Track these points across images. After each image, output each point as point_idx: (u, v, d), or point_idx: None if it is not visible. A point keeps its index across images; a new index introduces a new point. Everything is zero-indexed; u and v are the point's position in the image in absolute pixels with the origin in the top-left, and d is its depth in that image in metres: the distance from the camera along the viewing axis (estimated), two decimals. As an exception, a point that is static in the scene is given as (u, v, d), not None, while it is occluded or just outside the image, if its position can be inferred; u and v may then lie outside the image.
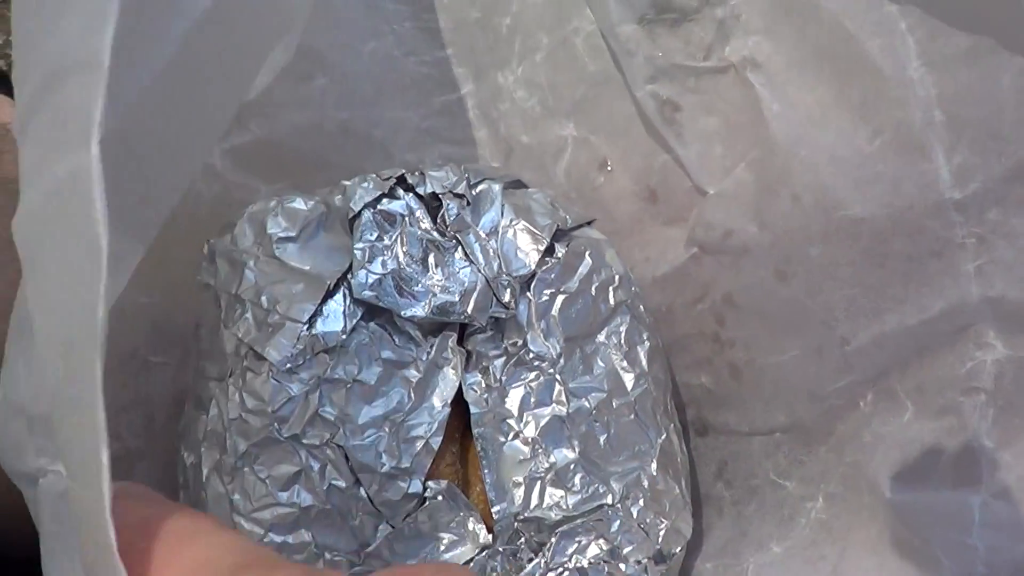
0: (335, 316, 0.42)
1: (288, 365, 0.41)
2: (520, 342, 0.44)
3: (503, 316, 0.44)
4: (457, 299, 0.43)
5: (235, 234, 0.44)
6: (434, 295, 0.43)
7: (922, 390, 0.45)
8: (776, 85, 0.47)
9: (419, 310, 0.42)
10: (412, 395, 0.42)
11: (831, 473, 0.47)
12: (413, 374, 0.42)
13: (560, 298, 0.45)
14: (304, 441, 0.41)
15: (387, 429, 0.41)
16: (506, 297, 0.43)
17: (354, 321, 0.42)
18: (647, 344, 0.47)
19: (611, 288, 0.47)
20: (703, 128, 0.51)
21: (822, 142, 0.46)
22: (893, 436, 0.45)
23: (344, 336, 0.42)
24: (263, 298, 0.42)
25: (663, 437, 0.47)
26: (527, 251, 0.45)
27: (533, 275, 0.45)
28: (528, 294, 0.45)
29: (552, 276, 0.45)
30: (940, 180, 0.44)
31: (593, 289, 0.46)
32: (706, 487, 0.53)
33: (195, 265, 0.45)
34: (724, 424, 0.52)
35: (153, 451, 0.51)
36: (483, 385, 0.44)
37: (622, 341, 0.46)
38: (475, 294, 0.43)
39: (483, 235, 0.45)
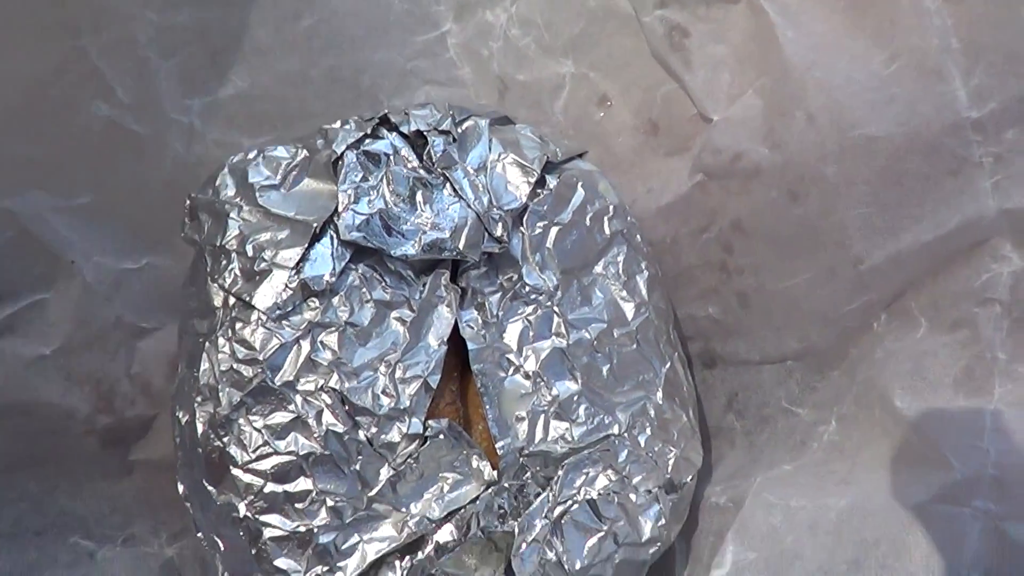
0: (323, 259, 0.41)
1: (278, 312, 0.40)
2: (515, 276, 0.43)
3: (496, 251, 0.43)
4: (448, 235, 0.42)
5: (217, 186, 0.43)
6: (424, 232, 0.42)
7: (936, 306, 0.44)
8: (790, 14, 0.46)
9: (409, 248, 0.41)
10: (407, 335, 0.41)
11: (844, 396, 0.47)
12: (407, 314, 0.41)
13: (554, 230, 0.44)
14: (298, 388, 0.40)
15: (383, 370, 0.40)
16: (498, 231, 0.43)
17: (343, 263, 0.41)
18: (646, 273, 0.46)
19: (606, 218, 0.46)
20: (712, 55, 0.50)
21: (837, 66, 0.45)
22: (905, 351, 0.44)
23: (333, 279, 0.41)
24: (248, 247, 0.41)
25: (667, 366, 0.46)
26: (517, 184, 0.44)
27: (525, 208, 0.44)
28: (521, 228, 0.44)
29: (544, 208, 0.44)
30: (957, 101, 0.43)
31: (587, 220, 0.45)
32: (716, 419, 0.53)
33: (180, 227, 0.45)
34: (733, 354, 0.52)
35: (156, 416, 0.51)
36: (480, 321, 0.43)
37: (620, 271, 0.46)
38: (466, 229, 0.42)
39: (471, 170, 0.44)
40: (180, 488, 0.44)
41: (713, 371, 0.53)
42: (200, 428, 0.41)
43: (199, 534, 0.43)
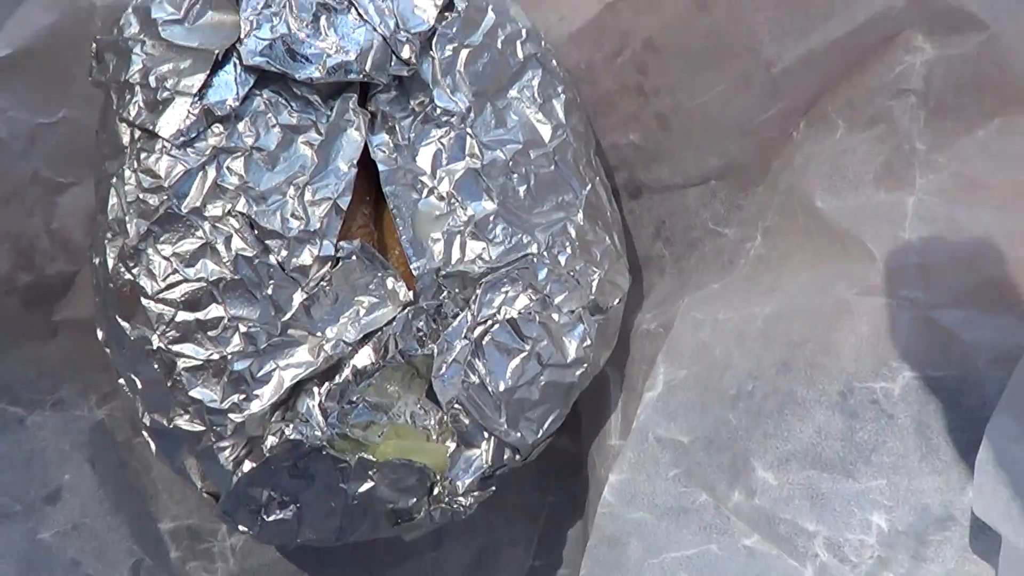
0: (226, 85, 0.40)
1: (181, 139, 0.40)
2: (426, 100, 0.43)
3: (405, 74, 0.42)
4: (353, 58, 0.41)
5: (120, 26, 0.43)
6: (328, 56, 0.41)
7: (852, 105, 0.43)
8: None
9: (314, 71, 0.41)
10: (315, 158, 0.40)
11: (768, 209, 0.46)
12: (314, 137, 0.41)
13: (464, 52, 0.43)
14: (206, 214, 0.39)
15: (291, 193, 0.40)
16: (405, 53, 0.42)
17: (246, 89, 0.40)
18: (563, 97, 0.46)
19: (519, 42, 0.45)
20: None
21: None
22: (824, 153, 0.43)
23: (237, 104, 0.40)
24: (151, 78, 0.41)
25: (588, 188, 0.45)
26: (424, 7, 0.43)
27: (433, 32, 0.43)
28: (431, 52, 0.43)
29: (454, 31, 0.43)
30: None
31: (499, 43, 0.45)
32: (645, 249, 0.52)
33: (88, 72, 0.44)
34: (657, 181, 0.51)
35: (76, 272, 0.50)
36: (391, 144, 0.42)
37: (535, 95, 0.45)
38: (372, 52, 0.41)
39: None
40: (99, 334, 0.44)
41: (639, 200, 0.52)
42: (111, 263, 0.41)
43: (120, 380, 0.43)
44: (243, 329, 0.39)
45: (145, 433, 0.43)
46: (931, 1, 0.41)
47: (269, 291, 0.40)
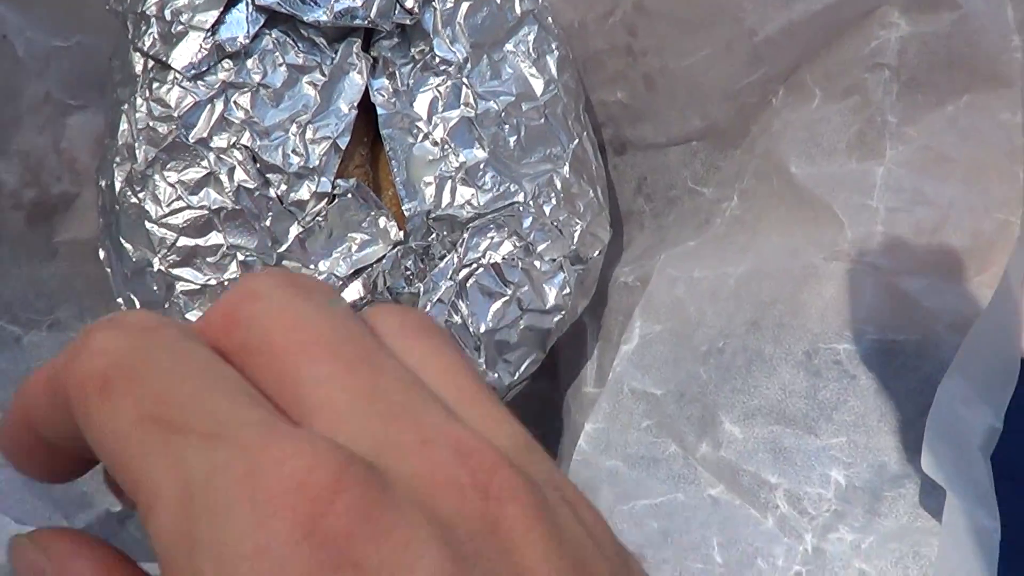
0: (238, 23, 0.42)
1: (193, 71, 0.41)
2: (426, 48, 0.44)
3: (408, 22, 0.43)
4: (360, 4, 0.43)
5: None
6: (336, 0, 0.42)
7: (829, 75, 0.45)
8: None
9: (321, 15, 0.42)
10: (318, 98, 0.42)
11: (745, 171, 0.48)
12: (318, 78, 0.42)
13: (465, 5, 0.45)
14: (212, 145, 0.41)
15: (294, 131, 0.42)
16: (409, 3, 0.43)
17: (256, 27, 0.42)
18: (556, 53, 0.47)
19: None
20: None
21: None
22: (801, 120, 0.45)
23: (247, 42, 0.42)
24: (167, 11, 0.42)
25: (575, 143, 0.47)
26: None
27: None
28: (433, 2, 0.45)
29: None
30: None
31: None
32: (627, 204, 0.54)
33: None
34: (641, 138, 0.52)
35: (79, 194, 0.52)
36: (390, 89, 0.44)
37: (530, 49, 0.46)
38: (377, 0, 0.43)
39: None
40: (101, 253, 0.45)
41: (623, 157, 0.54)
42: (118, 186, 0.43)
43: (118, 299, 0.44)
44: (240, 257, 0.41)
45: None
46: (908, -20, 0.43)
47: (267, 223, 0.41)
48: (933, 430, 0.36)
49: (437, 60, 0.44)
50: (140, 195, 0.42)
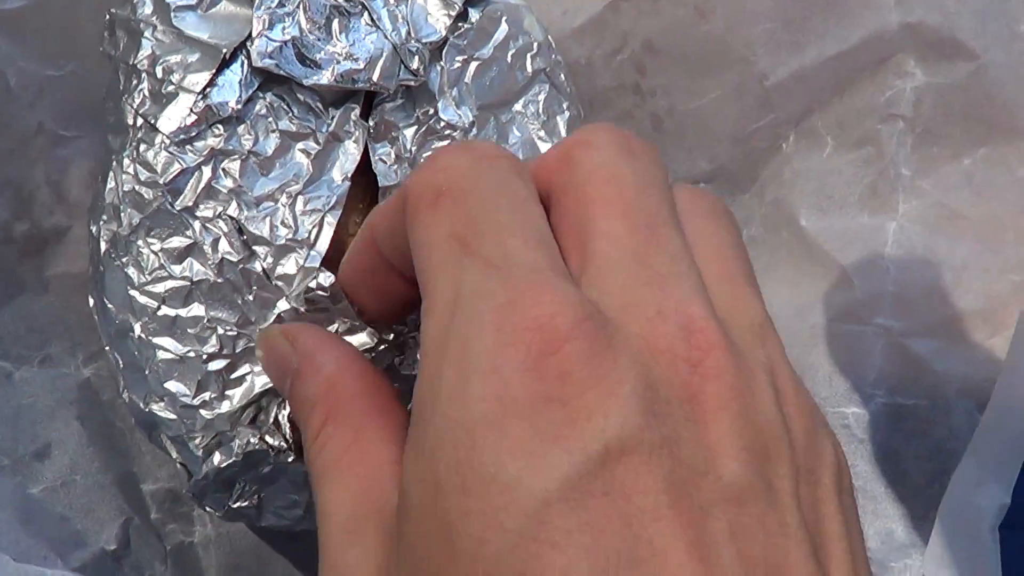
0: (231, 86, 0.40)
1: (181, 136, 0.40)
2: (431, 111, 0.42)
3: (412, 83, 0.42)
4: (362, 66, 0.41)
5: (135, 3, 0.42)
6: (338, 63, 0.41)
7: (842, 124, 0.44)
8: None
9: (322, 78, 0.40)
10: (311, 167, 0.40)
11: (753, 217, 0.47)
12: (312, 146, 0.41)
13: (473, 65, 0.43)
14: (197, 214, 0.40)
15: (284, 200, 0.40)
16: (414, 64, 0.42)
17: (250, 91, 0.40)
18: (567, 114, 0.45)
19: (529, 55, 0.45)
20: None
21: None
22: (812, 170, 0.44)
23: (239, 106, 0.40)
24: (158, 68, 0.41)
25: None
26: (437, 16, 0.43)
27: (445, 41, 0.43)
28: (440, 62, 0.43)
29: (465, 43, 0.43)
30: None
31: (509, 56, 0.44)
32: (633, 243, 0.53)
33: (100, 41, 0.44)
34: (649, 178, 0.51)
35: (71, 227, 0.51)
36: (392, 156, 0.42)
37: (540, 111, 0.45)
38: (381, 60, 0.41)
39: (391, 0, 0.42)
40: (91, 301, 0.44)
41: (629, 195, 0.52)
42: (103, 247, 0.41)
43: (107, 347, 0.43)
44: (221, 331, 0.40)
45: (126, 405, 0.43)
46: (923, 28, 0.42)
47: (251, 297, 0.40)
48: (944, 521, 0.35)
49: (442, 124, 0.42)
50: (123, 259, 0.40)
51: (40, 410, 0.50)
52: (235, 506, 0.42)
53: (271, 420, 0.40)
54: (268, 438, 0.40)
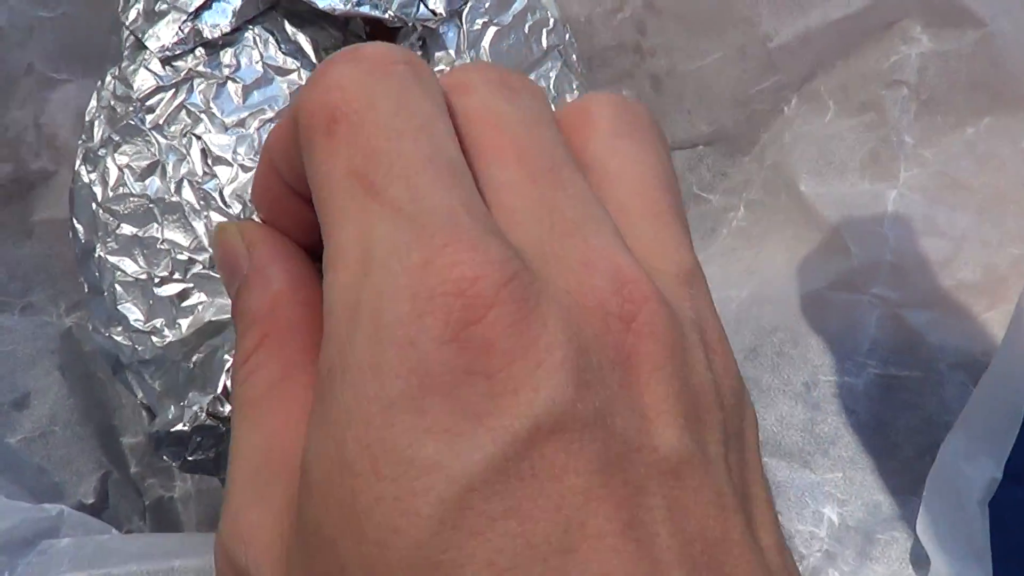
0: (223, 12, 0.40)
1: (165, 54, 0.39)
2: (445, 69, 0.42)
3: (431, 25, 0.41)
4: None
5: None
6: None
7: (845, 88, 0.43)
8: None
9: (337, 2, 0.40)
10: (288, 100, 0.40)
11: (753, 181, 0.46)
12: (295, 81, 0.40)
13: (492, 30, 0.43)
14: (166, 132, 0.39)
15: (254, 127, 0.39)
16: (432, 2, 0.41)
17: (243, 20, 0.40)
18: (576, 94, 0.45)
19: (544, 30, 0.44)
20: None
21: None
22: (813, 134, 0.43)
23: (228, 32, 0.39)
24: None
25: None
26: None
27: (466, 2, 0.42)
28: (459, 20, 0.42)
29: (486, 5, 0.42)
30: None
31: (526, 27, 0.44)
32: (630, 206, 0.52)
33: None
34: (646, 139, 0.50)
35: (57, 172, 0.50)
36: None
37: (550, 87, 0.44)
38: None
39: None
40: (71, 234, 0.43)
41: (626, 157, 0.52)
42: (77, 163, 0.41)
43: (80, 278, 0.42)
44: (175, 255, 0.39)
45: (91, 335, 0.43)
46: (931, -7, 0.41)
47: (206, 218, 0.39)
48: (933, 491, 0.34)
49: None
50: (92, 175, 0.40)
51: (20, 359, 0.49)
52: (191, 459, 0.41)
53: (220, 388, 0.39)
54: (219, 406, 0.39)
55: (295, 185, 0.26)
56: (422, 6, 0.41)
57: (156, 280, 0.39)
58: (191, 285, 0.39)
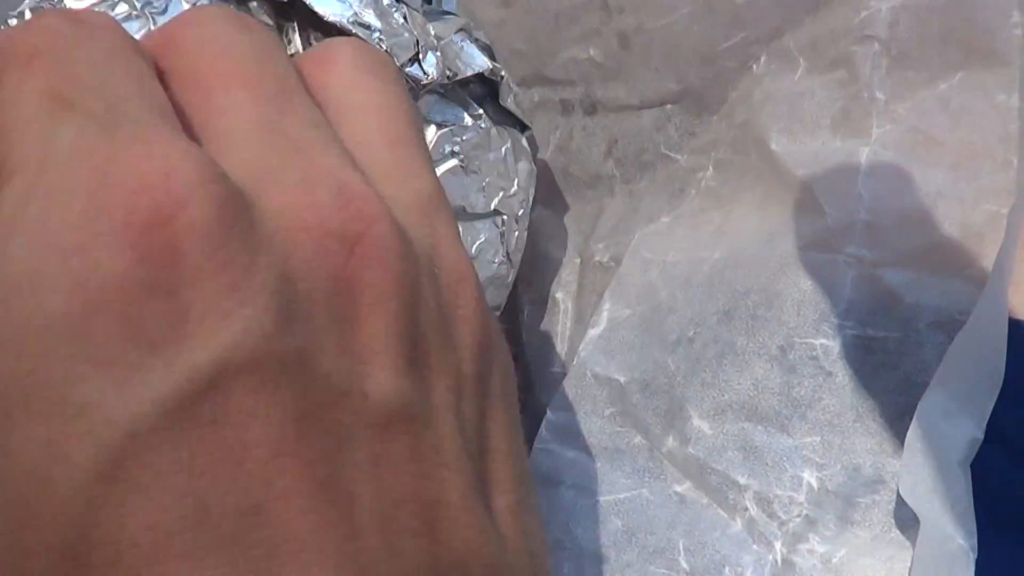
0: None
1: None
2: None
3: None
4: None
5: None
6: None
7: (815, 45, 0.42)
8: None
9: None
10: None
11: (721, 140, 0.45)
12: None
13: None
14: None
15: None
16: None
17: None
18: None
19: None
20: None
21: None
22: (783, 92, 0.42)
23: None
24: None
25: None
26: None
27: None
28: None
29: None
30: None
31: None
32: (596, 167, 0.51)
33: None
34: (613, 99, 0.50)
35: None
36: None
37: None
38: None
39: None
40: None
41: (594, 118, 0.51)
42: None
43: None
44: None
45: None
46: (902, -57, 0.40)
47: None
48: (912, 450, 0.34)
49: None
50: None
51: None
52: None
53: None
54: None
55: None
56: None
57: None
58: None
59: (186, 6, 0.36)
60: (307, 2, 0.36)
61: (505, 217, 0.42)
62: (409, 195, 0.22)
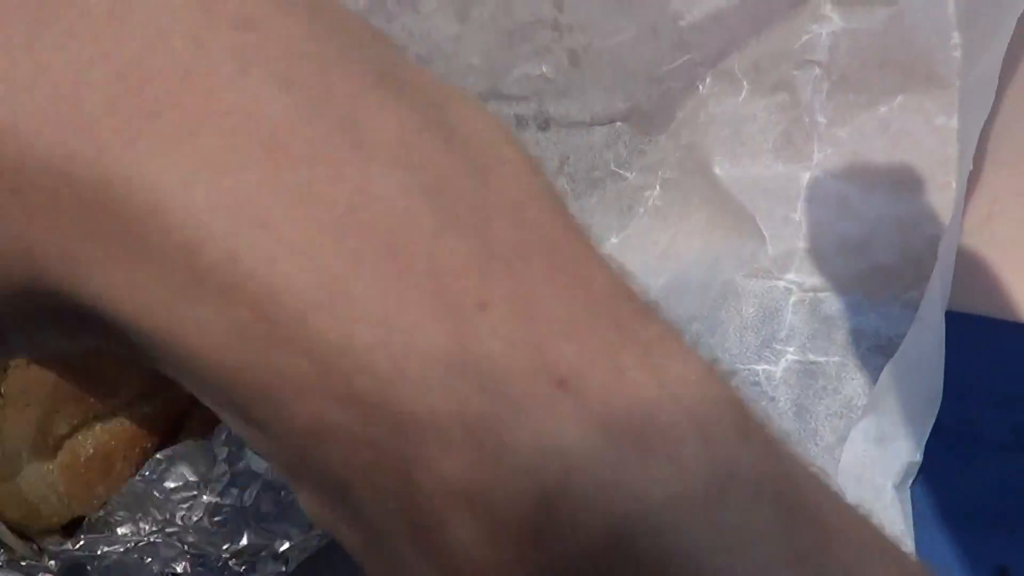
0: None
1: None
2: None
3: None
4: None
5: None
6: None
7: (758, 67, 0.42)
8: None
9: None
10: None
11: (668, 160, 0.46)
12: None
13: None
14: None
15: None
16: None
17: None
18: None
19: None
20: None
21: None
22: (727, 115, 0.43)
23: None
24: None
25: None
26: None
27: None
28: None
29: None
30: None
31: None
32: (549, 182, 0.51)
33: None
34: (565, 115, 0.50)
35: None
36: None
37: None
38: None
39: None
40: None
41: (547, 133, 0.51)
42: None
43: None
44: None
45: None
46: (841, -30, 0.40)
47: None
48: (846, 475, 0.34)
49: None
50: None
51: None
52: None
53: None
54: None
55: None
56: None
57: None
58: None
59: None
60: None
61: None
62: None
